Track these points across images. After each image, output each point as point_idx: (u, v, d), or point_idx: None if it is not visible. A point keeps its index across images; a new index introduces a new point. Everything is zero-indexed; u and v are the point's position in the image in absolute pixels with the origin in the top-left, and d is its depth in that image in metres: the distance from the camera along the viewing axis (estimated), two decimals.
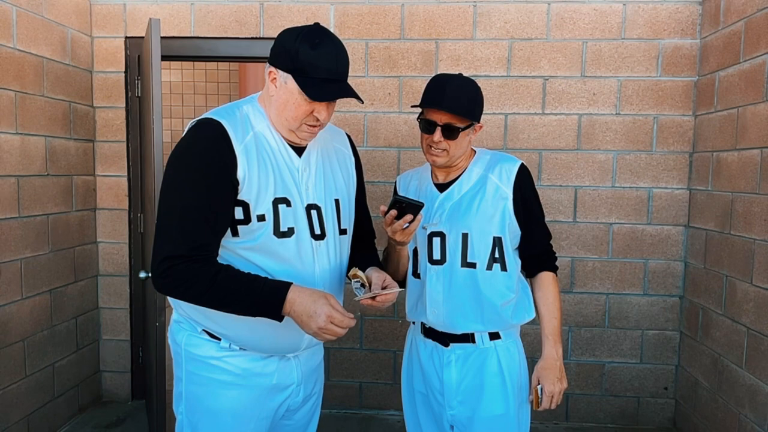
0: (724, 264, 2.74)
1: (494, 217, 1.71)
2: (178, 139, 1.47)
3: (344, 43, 1.55)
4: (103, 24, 3.30)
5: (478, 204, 1.72)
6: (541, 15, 3.11)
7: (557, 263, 1.85)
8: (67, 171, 3.12)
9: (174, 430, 1.66)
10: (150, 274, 2.62)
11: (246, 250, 1.45)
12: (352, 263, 1.67)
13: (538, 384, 1.73)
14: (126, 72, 3.33)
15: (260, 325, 1.47)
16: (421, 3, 3.14)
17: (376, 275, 1.54)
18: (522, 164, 1.78)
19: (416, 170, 1.95)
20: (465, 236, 1.70)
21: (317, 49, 1.40)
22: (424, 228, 1.74)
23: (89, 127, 3.31)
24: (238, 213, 1.43)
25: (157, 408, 2.66)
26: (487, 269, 1.70)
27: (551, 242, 1.84)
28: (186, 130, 1.48)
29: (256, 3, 3.21)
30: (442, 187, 1.79)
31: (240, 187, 1.42)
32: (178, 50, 3.28)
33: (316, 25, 1.47)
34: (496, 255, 1.71)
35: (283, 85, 1.43)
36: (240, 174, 1.41)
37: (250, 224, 1.43)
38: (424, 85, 1.72)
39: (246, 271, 1.43)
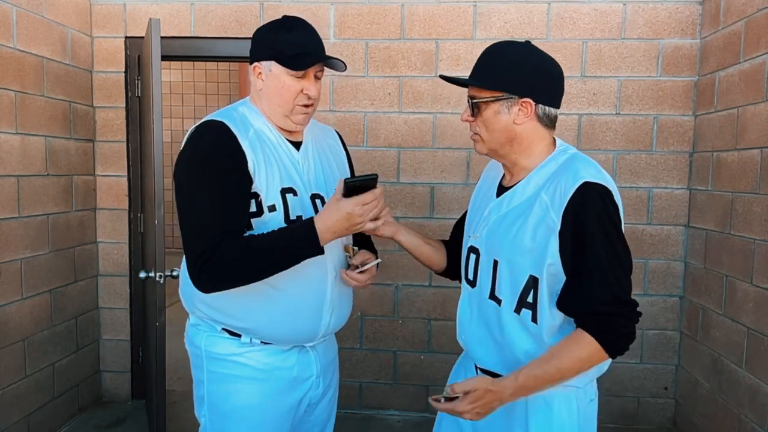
0: (724, 264, 2.74)
1: (532, 252, 1.30)
2: (179, 140, 1.50)
3: (344, 43, 1.60)
4: (103, 24, 3.30)
5: (518, 230, 1.33)
6: (541, 15, 3.11)
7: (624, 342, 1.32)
8: (67, 171, 3.12)
9: (173, 429, 1.66)
10: (151, 274, 2.63)
11: None
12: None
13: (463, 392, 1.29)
14: (126, 72, 3.33)
15: (279, 312, 1.52)
16: (421, 3, 3.14)
17: (360, 257, 1.59)
18: (585, 183, 1.26)
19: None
20: (495, 264, 1.37)
21: (292, 30, 1.51)
22: (469, 236, 1.50)
23: (89, 127, 3.31)
24: (251, 206, 1.48)
25: (157, 408, 2.66)
26: (515, 312, 1.34)
27: (623, 307, 1.33)
28: (188, 135, 1.52)
29: (256, 3, 3.21)
30: (501, 192, 1.45)
31: (255, 180, 1.48)
32: (178, 50, 3.28)
33: (285, 16, 1.58)
34: (529, 300, 1.32)
35: (269, 73, 1.51)
36: (250, 167, 1.47)
37: (262, 216, 1.48)
38: (425, 85, 1.69)
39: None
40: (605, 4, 3.08)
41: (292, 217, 1.50)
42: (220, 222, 1.42)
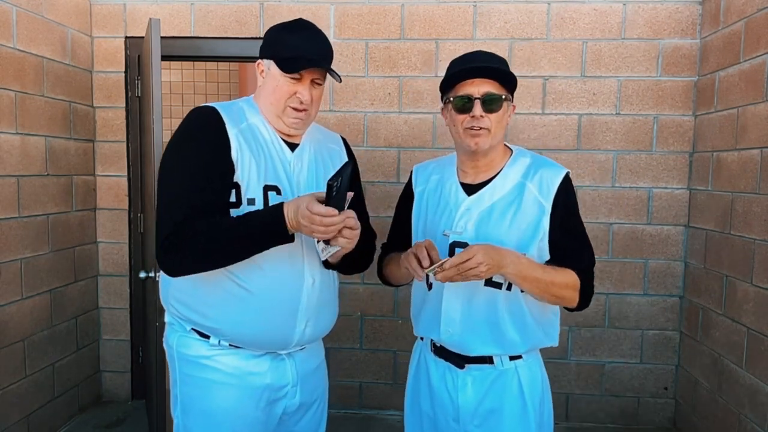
0: (724, 264, 2.74)
1: (527, 231, 1.50)
2: None
3: (344, 43, 1.59)
4: (103, 24, 3.30)
5: (513, 216, 1.51)
6: (541, 15, 3.10)
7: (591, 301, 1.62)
8: (67, 171, 3.12)
9: (174, 430, 1.66)
10: (151, 274, 2.63)
11: None
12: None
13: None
14: (126, 72, 3.33)
15: (248, 314, 1.47)
16: (421, 3, 3.14)
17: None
18: (567, 174, 1.55)
19: (438, 161, 1.71)
20: None
21: (295, 33, 1.51)
22: (445, 235, 1.55)
23: (89, 127, 3.31)
24: (232, 196, 1.45)
25: (157, 408, 2.66)
26: (507, 289, 1.52)
27: (593, 268, 1.61)
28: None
29: (256, 3, 3.21)
30: (470, 189, 1.57)
31: (237, 168, 1.45)
32: (178, 50, 3.27)
33: (299, 18, 1.58)
34: None
35: (268, 71, 1.52)
36: (233, 155, 1.45)
37: (240, 207, 1.45)
38: (425, 85, 1.69)
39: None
40: (605, 4, 3.08)
41: None
42: (188, 201, 1.40)
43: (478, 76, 1.48)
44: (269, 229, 1.37)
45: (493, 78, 1.48)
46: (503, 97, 1.49)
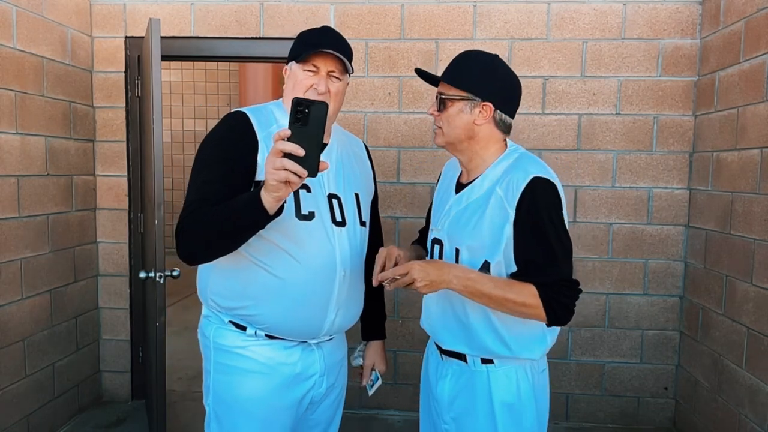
0: (724, 264, 2.74)
1: (489, 239, 1.46)
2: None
3: None
4: (103, 24, 3.30)
5: (477, 220, 1.49)
6: (541, 15, 3.11)
7: (565, 315, 1.43)
8: (67, 171, 3.12)
9: (173, 429, 1.67)
10: (151, 274, 2.63)
11: (270, 231, 1.48)
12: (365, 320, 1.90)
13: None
14: (126, 72, 3.33)
15: (285, 301, 1.55)
16: (421, 3, 3.14)
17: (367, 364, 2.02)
18: (534, 178, 1.43)
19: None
20: (457, 252, 1.52)
21: (311, 32, 1.62)
22: (432, 229, 1.64)
23: (89, 127, 3.32)
24: None
25: (157, 408, 2.66)
26: None
27: (567, 284, 1.43)
28: None
29: (256, 3, 3.21)
30: (460, 188, 1.60)
31: (259, 169, 1.51)
32: (178, 50, 3.28)
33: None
34: None
35: (290, 72, 1.62)
36: (259, 158, 1.52)
37: None
38: (425, 85, 1.73)
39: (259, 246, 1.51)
40: (605, 4, 3.08)
41: (304, 211, 1.54)
42: (202, 196, 1.46)
43: (438, 80, 1.57)
44: (247, 198, 1.34)
45: (444, 80, 1.54)
46: (448, 97, 1.52)
